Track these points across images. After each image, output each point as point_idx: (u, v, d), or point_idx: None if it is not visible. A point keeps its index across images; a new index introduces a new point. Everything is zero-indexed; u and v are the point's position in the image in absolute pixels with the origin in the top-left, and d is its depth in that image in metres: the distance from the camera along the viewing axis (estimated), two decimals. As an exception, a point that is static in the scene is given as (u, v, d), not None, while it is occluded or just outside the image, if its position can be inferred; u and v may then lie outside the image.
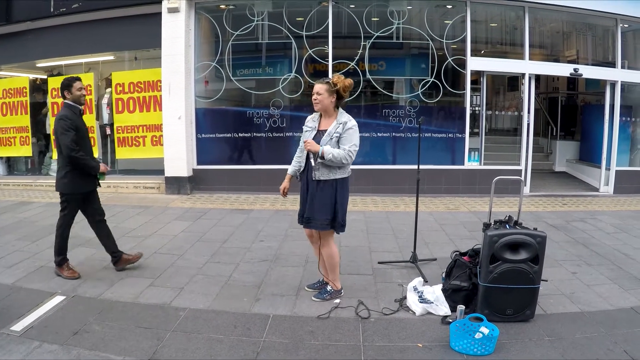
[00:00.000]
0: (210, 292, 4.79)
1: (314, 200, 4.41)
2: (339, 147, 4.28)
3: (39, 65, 11.35)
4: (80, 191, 5.14)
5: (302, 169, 4.59)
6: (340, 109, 4.46)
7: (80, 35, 10.15)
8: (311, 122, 4.54)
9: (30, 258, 5.74)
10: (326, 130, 4.36)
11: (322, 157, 4.21)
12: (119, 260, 5.35)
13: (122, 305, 4.48)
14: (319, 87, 4.36)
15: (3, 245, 6.27)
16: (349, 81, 4.40)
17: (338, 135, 4.29)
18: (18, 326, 4.02)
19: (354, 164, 4.48)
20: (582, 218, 7.96)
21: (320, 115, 4.49)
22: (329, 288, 4.67)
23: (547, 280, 4.72)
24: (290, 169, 4.74)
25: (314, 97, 4.38)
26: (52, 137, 9.43)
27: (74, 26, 10.14)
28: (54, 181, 5.13)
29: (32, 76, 11.52)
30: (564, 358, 3.59)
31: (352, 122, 4.36)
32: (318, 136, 4.40)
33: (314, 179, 4.36)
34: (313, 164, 4.32)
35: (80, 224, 7.23)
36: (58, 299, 4.59)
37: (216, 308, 4.45)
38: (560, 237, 6.84)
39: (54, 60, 11.03)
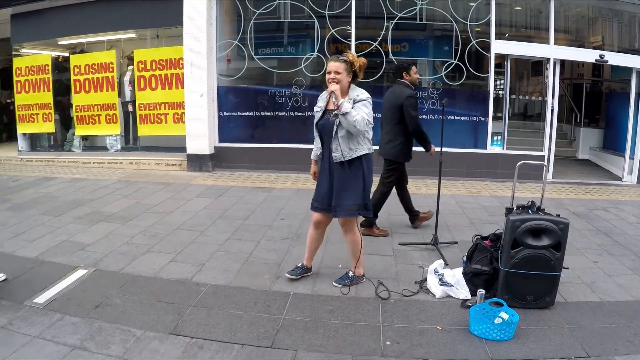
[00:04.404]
0: (231, 269, 4.83)
1: (341, 185, 4.23)
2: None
3: (60, 42, 11.38)
4: (406, 160, 5.98)
5: (321, 152, 4.40)
6: (352, 85, 4.24)
7: (101, 12, 10.16)
8: (321, 101, 4.32)
9: (53, 232, 5.83)
10: (334, 110, 4.07)
11: (342, 113, 3.97)
12: (416, 218, 6.28)
13: (144, 280, 4.54)
14: (336, 65, 4.09)
15: (26, 219, 6.39)
16: (364, 60, 4.25)
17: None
18: (41, 299, 4.10)
19: (374, 145, 4.37)
20: (605, 207, 7.83)
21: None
22: (350, 273, 4.57)
23: (568, 268, 4.67)
24: (313, 153, 4.53)
25: (332, 77, 4.07)
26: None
27: (95, 4, 10.16)
28: (77, 157, 5.20)
29: (54, 54, 11.57)
30: (582, 347, 3.56)
31: (363, 95, 4.11)
32: (326, 116, 4.22)
33: (335, 160, 4.18)
34: (330, 117, 4.13)
35: (105, 198, 7.37)
36: (80, 272, 4.67)
37: (237, 284, 4.48)
38: (582, 225, 6.75)
39: (76, 37, 11.06)
